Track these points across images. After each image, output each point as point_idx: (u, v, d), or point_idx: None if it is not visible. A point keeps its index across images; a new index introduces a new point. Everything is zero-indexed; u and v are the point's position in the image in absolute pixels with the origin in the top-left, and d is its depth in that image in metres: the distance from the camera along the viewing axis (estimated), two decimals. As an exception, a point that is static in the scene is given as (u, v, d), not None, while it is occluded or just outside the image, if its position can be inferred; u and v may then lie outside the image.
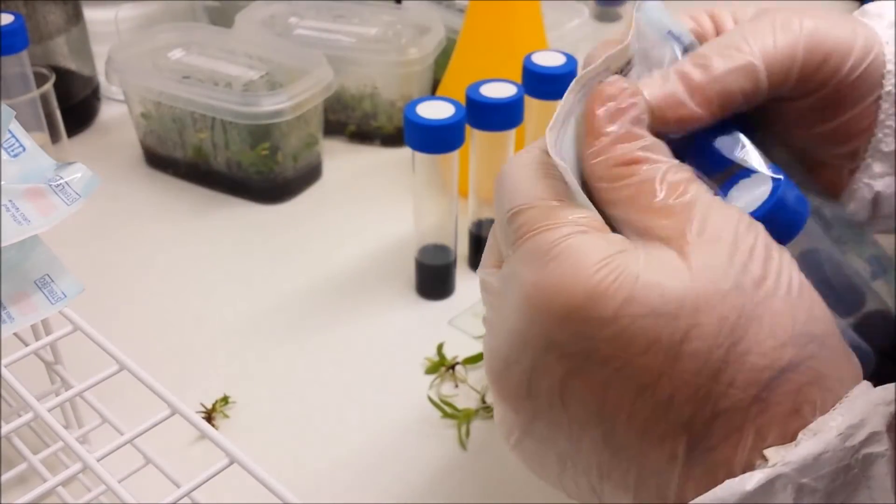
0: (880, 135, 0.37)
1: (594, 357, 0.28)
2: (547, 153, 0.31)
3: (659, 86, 0.33)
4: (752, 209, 0.31)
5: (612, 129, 0.30)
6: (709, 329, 0.27)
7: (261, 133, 0.71)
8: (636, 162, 0.30)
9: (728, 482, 0.27)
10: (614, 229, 0.31)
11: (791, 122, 0.38)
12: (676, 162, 0.30)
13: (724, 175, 0.33)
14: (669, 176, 0.30)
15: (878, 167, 0.38)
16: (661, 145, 0.31)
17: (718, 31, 0.38)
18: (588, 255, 0.28)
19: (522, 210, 0.30)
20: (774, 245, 0.29)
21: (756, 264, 0.28)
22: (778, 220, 0.31)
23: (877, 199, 0.39)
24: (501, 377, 0.31)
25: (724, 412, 0.27)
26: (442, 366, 0.57)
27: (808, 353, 0.27)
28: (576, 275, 0.28)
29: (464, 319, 0.62)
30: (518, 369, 0.30)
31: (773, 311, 0.27)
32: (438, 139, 0.56)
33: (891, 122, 0.37)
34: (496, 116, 0.59)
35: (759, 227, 0.29)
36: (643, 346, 0.27)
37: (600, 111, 0.31)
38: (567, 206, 0.30)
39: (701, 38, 0.37)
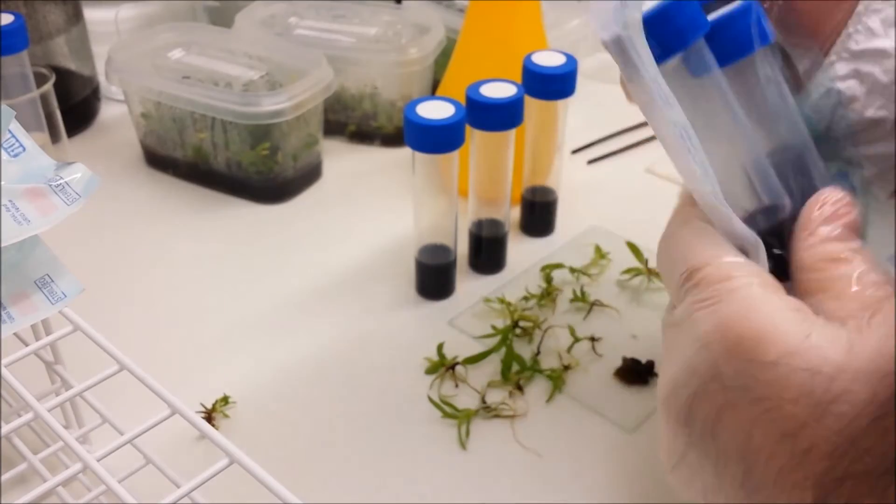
0: (851, 29, 0.36)
1: (750, 394, 0.30)
2: (701, 217, 0.35)
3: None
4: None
5: (826, 229, 0.33)
6: (859, 397, 0.28)
7: (261, 133, 0.71)
8: (842, 260, 0.32)
9: None
10: None
11: None
12: (874, 267, 0.32)
13: None
14: (866, 277, 0.32)
15: (841, 67, 0.37)
16: (868, 254, 0.33)
17: None
18: (767, 302, 0.31)
19: (698, 269, 0.33)
20: None
21: None
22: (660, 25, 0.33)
23: (837, 106, 0.38)
24: (668, 400, 0.33)
25: (855, 476, 0.29)
26: (442, 366, 0.57)
27: None
28: (753, 316, 0.30)
29: (464, 319, 0.62)
30: (684, 393, 0.32)
31: None
32: (438, 139, 0.56)
33: (869, 20, 0.36)
34: (496, 116, 0.59)
35: None
36: (795, 394, 0.29)
37: (816, 212, 0.34)
38: (745, 262, 0.33)
39: None
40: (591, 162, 0.80)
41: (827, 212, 0.34)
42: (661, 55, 0.34)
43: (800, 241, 0.34)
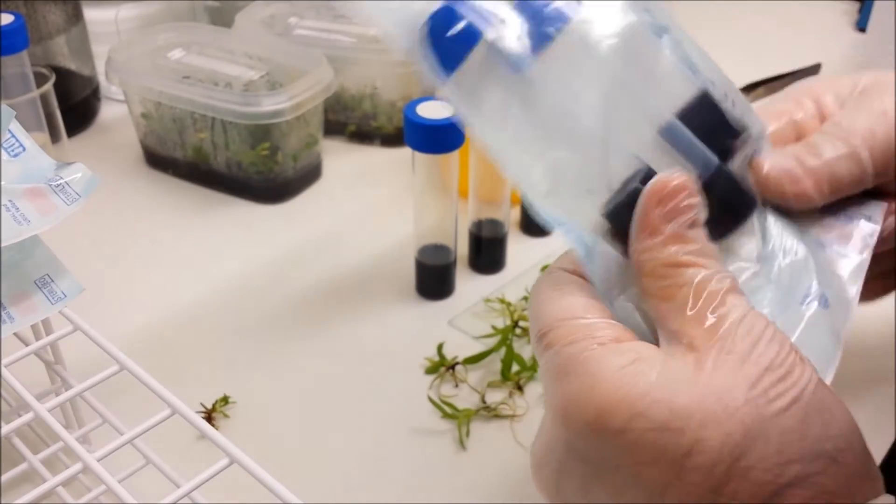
0: None
1: (608, 464, 0.29)
2: (568, 270, 0.33)
3: (779, 162, 0.36)
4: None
5: (665, 228, 0.32)
6: (712, 444, 0.28)
7: (261, 133, 0.71)
8: (681, 265, 0.31)
9: None
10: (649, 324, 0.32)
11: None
12: (721, 269, 0.31)
13: None
14: (710, 284, 0.31)
15: None
16: (713, 250, 0.32)
17: (820, 111, 0.40)
18: (602, 367, 0.29)
19: (545, 332, 0.32)
20: (798, 360, 0.29)
21: (769, 381, 0.28)
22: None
23: None
24: (536, 473, 0.34)
25: None
26: (442, 366, 0.57)
27: (815, 468, 0.28)
28: (589, 390, 0.29)
29: (464, 319, 0.62)
30: (548, 469, 0.32)
31: (781, 428, 0.28)
32: (438, 139, 0.56)
33: None
34: (496, 116, 0.59)
35: (786, 342, 0.30)
36: (650, 457, 0.28)
37: (656, 211, 0.32)
38: (585, 321, 0.31)
39: (801, 123, 0.39)
40: (590, 162, 0.80)
41: (666, 206, 0.32)
42: (449, 65, 0.32)
43: (637, 241, 0.32)
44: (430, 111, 0.56)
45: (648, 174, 0.33)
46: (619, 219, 0.33)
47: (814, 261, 0.37)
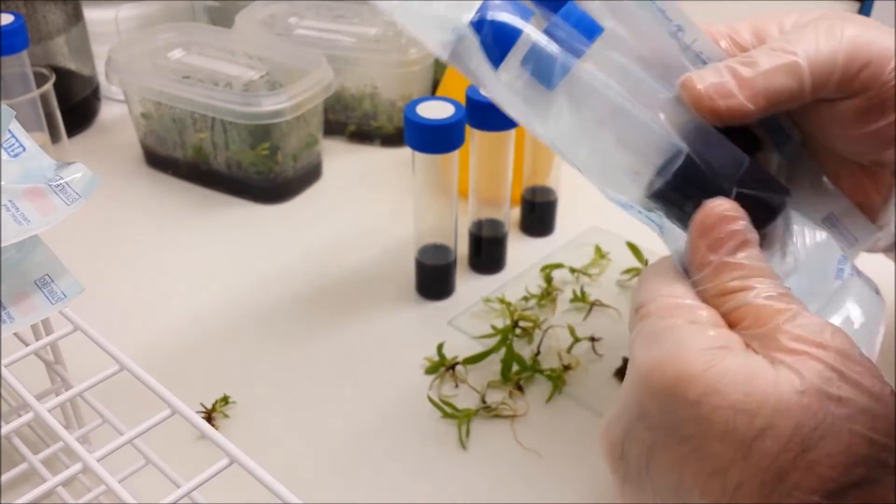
0: None
1: (676, 434, 0.30)
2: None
3: (710, 76, 0.36)
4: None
5: (713, 258, 0.33)
6: (782, 432, 0.28)
7: (261, 133, 0.71)
8: (734, 291, 0.33)
9: None
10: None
11: (833, 122, 0.39)
12: (770, 283, 0.33)
13: None
14: (762, 301, 0.32)
15: None
16: (761, 268, 0.33)
17: (758, 35, 0.41)
18: (690, 342, 0.31)
19: (645, 303, 0.34)
20: (864, 360, 0.30)
21: (841, 385, 0.29)
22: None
23: None
24: (604, 434, 0.34)
25: None
26: (442, 366, 0.57)
27: (876, 476, 0.28)
28: (673, 358, 0.30)
29: (464, 319, 0.62)
30: (616, 430, 0.33)
31: (851, 431, 0.29)
32: (438, 139, 0.56)
33: None
34: (496, 116, 0.59)
35: (848, 342, 0.31)
36: (719, 433, 0.29)
37: (701, 243, 0.34)
38: (684, 302, 0.33)
39: (732, 45, 0.41)
40: (590, 162, 0.80)
41: (708, 238, 0.33)
42: (498, 57, 0.34)
43: (693, 274, 0.34)
44: (431, 111, 0.56)
45: (686, 158, 0.35)
46: (665, 199, 0.36)
47: (832, 236, 0.38)
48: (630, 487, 0.33)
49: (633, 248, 0.65)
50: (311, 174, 0.77)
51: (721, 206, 0.34)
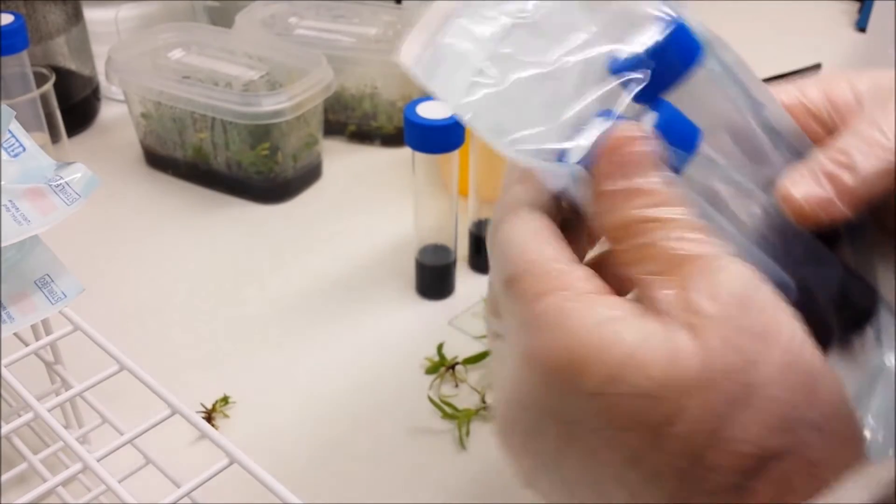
0: None
1: (584, 426, 0.28)
2: (542, 213, 0.31)
3: (812, 188, 0.33)
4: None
5: (618, 185, 0.29)
6: (693, 413, 0.26)
7: (261, 133, 0.71)
8: (639, 223, 0.29)
9: None
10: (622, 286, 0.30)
11: None
12: (689, 220, 0.29)
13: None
14: (676, 242, 0.28)
15: None
16: (676, 195, 0.29)
17: (830, 99, 0.37)
18: (578, 326, 0.28)
19: (515, 278, 0.30)
20: (785, 321, 0.27)
21: (753, 346, 0.27)
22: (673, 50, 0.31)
23: None
24: (504, 434, 0.31)
25: (706, 494, 0.27)
26: (442, 366, 0.57)
27: (799, 439, 0.26)
28: (566, 341, 0.28)
29: (464, 319, 0.62)
30: (518, 429, 0.30)
31: (765, 396, 0.26)
32: (438, 139, 0.56)
33: None
34: (496, 116, 0.59)
35: (768, 300, 0.27)
36: (627, 423, 0.27)
37: (605, 166, 0.29)
38: (560, 267, 0.29)
39: (802, 109, 0.37)
40: (590, 162, 0.80)
41: (618, 162, 0.29)
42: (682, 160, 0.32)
43: (596, 203, 0.30)
44: (430, 111, 0.56)
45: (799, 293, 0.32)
46: None
47: None
48: (542, 481, 0.31)
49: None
50: (311, 174, 0.77)
51: (627, 126, 0.30)
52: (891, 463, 0.26)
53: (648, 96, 0.32)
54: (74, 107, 0.82)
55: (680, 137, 0.32)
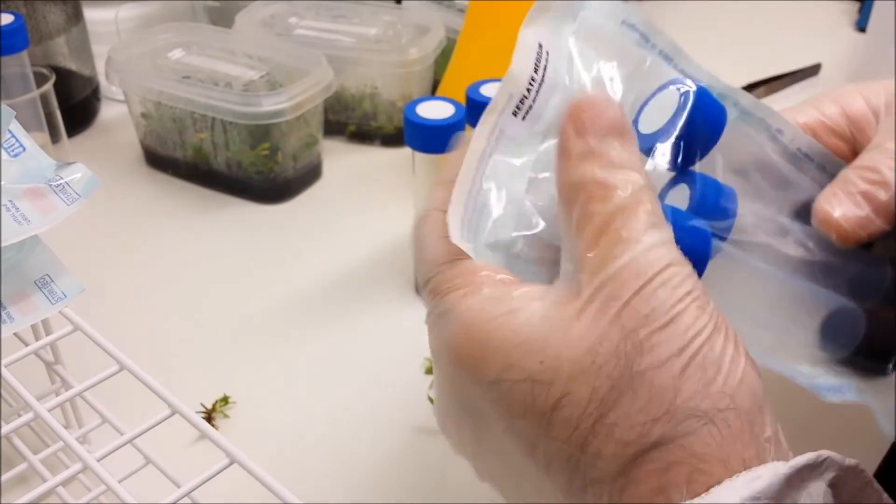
0: None
1: (488, 417, 0.29)
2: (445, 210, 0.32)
3: (851, 208, 0.34)
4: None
5: (576, 147, 0.29)
6: (579, 398, 0.26)
7: (261, 133, 0.71)
8: (592, 184, 0.28)
9: None
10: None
11: None
12: (638, 192, 0.28)
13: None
14: (609, 210, 0.28)
15: None
16: (633, 162, 0.29)
17: (848, 114, 0.38)
18: (477, 318, 0.28)
19: (430, 277, 0.31)
20: (696, 307, 0.27)
21: (646, 331, 0.26)
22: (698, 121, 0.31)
23: None
24: (441, 422, 0.33)
25: (593, 483, 0.27)
26: (442, 366, 0.57)
27: (685, 429, 0.26)
28: (465, 341, 0.28)
29: (464, 319, 0.62)
30: (448, 418, 0.32)
31: (652, 383, 0.26)
32: (438, 139, 0.56)
33: None
34: (496, 116, 0.59)
35: (685, 285, 0.27)
36: (521, 410, 0.27)
37: (567, 128, 0.29)
38: (466, 265, 0.30)
39: (822, 127, 0.38)
40: (590, 162, 0.80)
41: (581, 124, 0.29)
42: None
43: (556, 166, 0.29)
44: (431, 111, 0.56)
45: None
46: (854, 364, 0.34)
47: None
48: (479, 466, 0.32)
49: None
50: (311, 174, 0.77)
51: (594, 93, 0.30)
52: (784, 464, 0.25)
53: (679, 167, 0.32)
54: (74, 107, 0.82)
55: (718, 207, 0.32)
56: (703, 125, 0.32)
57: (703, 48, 1.07)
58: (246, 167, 0.73)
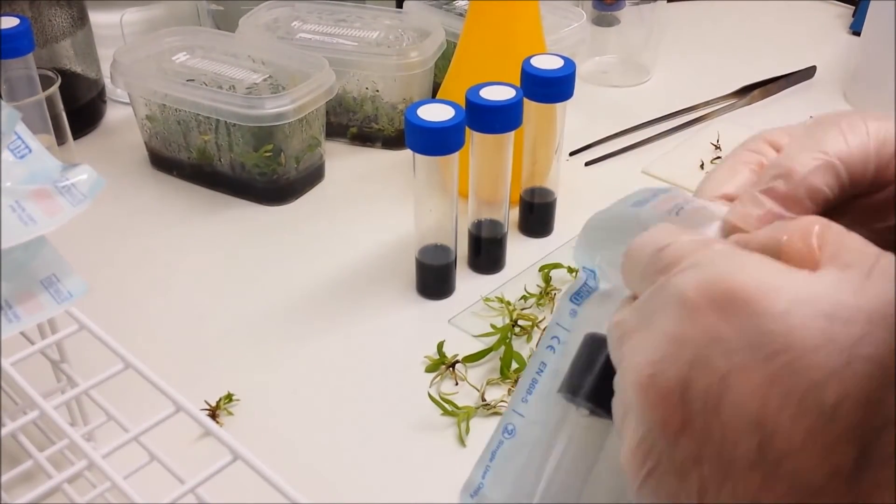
0: None
1: (762, 351, 0.27)
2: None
3: (750, 208, 0.34)
4: None
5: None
6: (883, 337, 0.26)
7: (264, 135, 0.72)
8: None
9: None
10: None
11: (869, 216, 0.37)
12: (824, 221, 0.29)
13: None
14: (831, 228, 0.29)
15: None
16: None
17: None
18: (753, 258, 0.28)
19: (665, 246, 0.30)
20: None
21: None
22: None
23: None
24: (649, 386, 0.29)
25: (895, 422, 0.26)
26: (442, 364, 0.57)
27: None
28: (744, 270, 0.27)
29: (463, 318, 0.62)
30: (672, 372, 0.28)
31: None
32: (439, 141, 0.57)
33: None
34: (495, 119, 0.59)
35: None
36: (815, 344, 0.26)
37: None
38: (717, 238, 0.31)
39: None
40: (588, 163, 0.80)
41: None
42: None
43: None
44: (431, 114, 0.56)
45: None
46: None
47: None
48: (688, 439, 0.28)
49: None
50: (313, 176, 0.77)
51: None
52: None
53: None
54: (80, 109, 0.83)
55: None
56: None
57: (699, 51, 1.07)
58: (249, 169, 0.74)
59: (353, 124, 0.83)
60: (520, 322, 0.60)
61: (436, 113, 0.56)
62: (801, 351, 0.26)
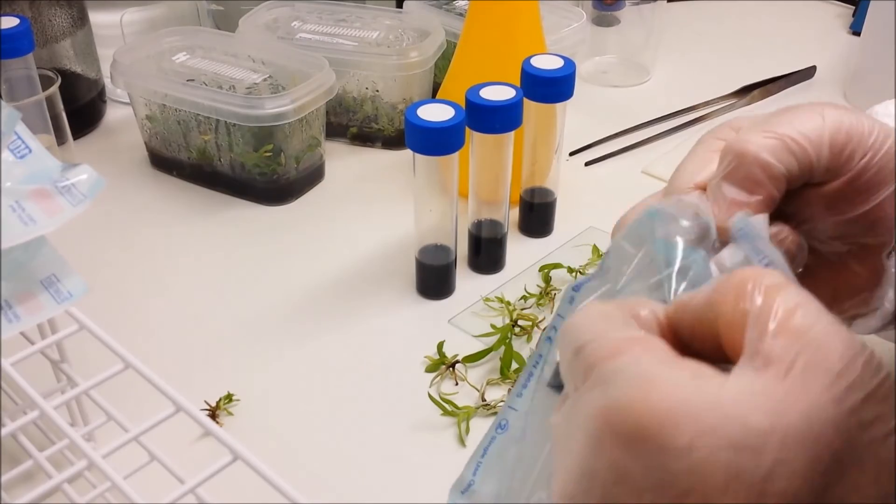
0: None
1: (670, 492, 0.25)
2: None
3: (724, 207, 0.36)
4: None
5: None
6: (796, 466, 0.24)
7: (264, 135, 0.72)
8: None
9: None
10: None
11: (823, 208, 0.38)
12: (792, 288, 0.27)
13: None
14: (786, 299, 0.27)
15: None
16: (779, 272, 0.28)
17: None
18: (663, 376, 0.26)
19: (587, 343, 0.28)
20: (891, 379, 0.25)
21: (865, 404, 0.25)
22: None
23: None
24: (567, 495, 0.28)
25: None
26: (442, 364, 0.57)
27: None
28: (649, 396, 0.25)
29: (463, 318, 0.62)
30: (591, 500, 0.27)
31: (879, 458, 0.25)
32: (439, 141, 0.57)
33: None
34: (495, 119, 0.59)
35: (874, 358, 0.26)
36: (722, 481, 0.24)
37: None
38: (633, 335, 0.28)
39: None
40: (588, 164, 0.80)
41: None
42: None
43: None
44: (431, 114, 0.56)
45: None
46: None
47: None
48: None
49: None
50: (313, 176, 0.77)
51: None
52: None
53: None
54: (80, 109, 0.83)
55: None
56: None
57: (699, 51, 1.07)
58: (249, 169, 0.74)
59: (353, 124, 0.83)
60: (520, 322, 0.60)
61: (436, 113, 0.56)
62: (707, 491, 0.24)
